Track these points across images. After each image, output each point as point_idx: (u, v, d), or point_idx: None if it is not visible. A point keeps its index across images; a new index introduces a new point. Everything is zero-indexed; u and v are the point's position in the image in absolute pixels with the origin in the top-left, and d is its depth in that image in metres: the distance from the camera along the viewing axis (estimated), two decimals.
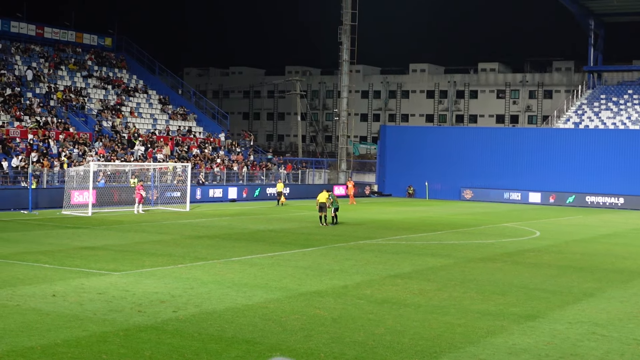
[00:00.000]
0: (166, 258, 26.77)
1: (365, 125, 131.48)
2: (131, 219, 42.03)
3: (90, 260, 25.84)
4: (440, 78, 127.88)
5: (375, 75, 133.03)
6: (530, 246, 34.09)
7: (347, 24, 75.22)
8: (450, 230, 40.63)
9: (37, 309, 17.99)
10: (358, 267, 25.94)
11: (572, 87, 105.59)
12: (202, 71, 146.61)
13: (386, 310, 19.00)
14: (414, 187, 74.21)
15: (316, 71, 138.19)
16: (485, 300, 20.75)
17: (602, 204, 66.67)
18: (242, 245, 31.18)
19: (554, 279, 24.68)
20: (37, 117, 58.41)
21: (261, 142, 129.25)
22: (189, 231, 36.30)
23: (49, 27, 72.26)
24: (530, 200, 69.24)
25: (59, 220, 39.93)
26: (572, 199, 67.63)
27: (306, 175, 72.66)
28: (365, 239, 34.75)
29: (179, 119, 71.34)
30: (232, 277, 23.10)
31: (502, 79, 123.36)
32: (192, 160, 61.65)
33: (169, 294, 20.16)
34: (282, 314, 18.29)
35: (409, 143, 76.62)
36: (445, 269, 26.27)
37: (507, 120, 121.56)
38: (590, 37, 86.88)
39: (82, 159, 54.22)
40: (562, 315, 19.06)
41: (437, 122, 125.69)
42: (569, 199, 67.79)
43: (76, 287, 20.78)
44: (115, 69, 74.22)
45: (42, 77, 65.41)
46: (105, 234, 34.04)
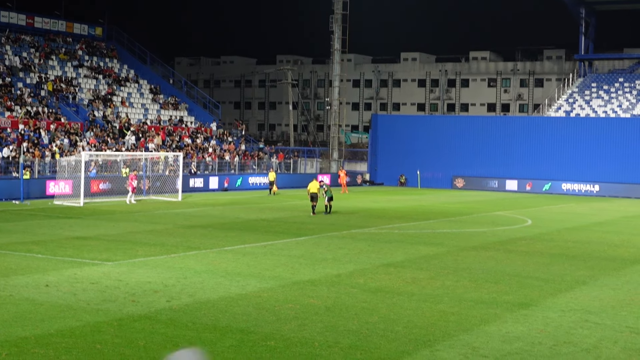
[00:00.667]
0: (159, 248, 26.75)
1: (356, 114, 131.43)
2: (123, 208, 41.97)
3: (83, 250, 25.80)
4: (431, 67, 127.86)
5: (367, 64, 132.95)
6: (523, 234, 34.16)
7: (338, 13, 75.10)
8: (443, 219, 40.68)
9: (30, 299, 17.96)
10: (351, 256, 25.96)
11: (563, 76, 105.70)
12: (193, 60, 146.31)
13: (380, 299, 19.03)
14: (405, 176, 74.27)
15: (307, 60, 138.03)
16: (478, 288, 20.79)
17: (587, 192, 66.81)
18: (235, 235, 31.17)
19: (546, 267, 24.74)
20: (27, 107, 58.22)
21: (253, 132, 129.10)
22: (181, 221, 36.27)
23: (39, 16, 71.97)
24: (522, 188, 69.32)
25: (51, 210, 39.86)
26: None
27: (298, 164, 72.64)
28: (358, 228, 34.77)
29: (171, 109, 71.22)
30: (226, 267, 23.10)
31: (493, 68, 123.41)
32: (183, 150, 61.55)
33: (163, 284, 20.15)
34: (275, 303, 18.30)
35: (401, 132, 76.61)
36: (438, 257, 26.31)
37: (499, 109, 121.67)
38: (581, 26, 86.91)
39: (74, 149, 54.09)
40: (554, 303, 19.11)
41: (429, 111, 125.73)
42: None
43: (69, 277, 20.76)
44: (106, 58, 73.97)
45: (33, 67, 65.18)
46: (98, 224, 34.00)
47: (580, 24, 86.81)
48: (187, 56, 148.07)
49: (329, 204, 41.23)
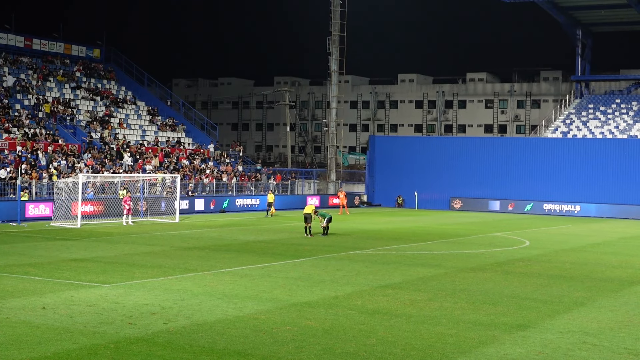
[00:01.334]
0: (156, 269, 26.70)
1: (354, 135, 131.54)
2: (120, 230, 41.92)
3: (80, 272, 25.75)
4: (428, 88, 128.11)
5: (364, 86, 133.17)
6: (520, 256, 34.13)
7: (335, 35, 75.36)
8: (440, 240, 40.65)
9: (27, 322, 17.90)
10: (349, 278, 25.92)
11: (560, 97, 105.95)
12: (191, 82, 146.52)
13: (377, 321, 18.99)
14: (403, 197, 74.26)
15: (305, 82, 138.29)
16: (476, 310, 20.75)
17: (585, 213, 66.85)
18: (233, 257, 31.12)
19: (544, 289, 24.71)
20: (25, 129, 58.26)
21: (250, 153, 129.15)
22: (178, 242, 36.22)
23: (37, 38, 72.20)
24: (519, 209, 69.33)
25: (48, 232, 39.79)
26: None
27: (296, 185, 72.66)
28: (356, 250, 34.74)
29: (168, 130, 71.29)
30: (223, 289, 23.05)
31: (490, 89, 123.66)
32: (181, 171, 61.56)
33: (160, 306, 20.10)
34: (273, 325, 18.26)
35: (398, 153, 76.68)
36: (436, 279, 26.27)
37: (496, 130, 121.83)
38: (577, 47, 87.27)
39: (71, 170, 54.09)
40: (553, 325, 19.08)
41: (426, 132, 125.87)
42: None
43: (66, 300, 20.70)
44: (104, 80, 74.12)
45: (31, 89, 65.27)
46: (95, 246, 33.93)
47: (577, 46, 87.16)
48: (184, 78, 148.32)
49: (327, 226, 41.14)
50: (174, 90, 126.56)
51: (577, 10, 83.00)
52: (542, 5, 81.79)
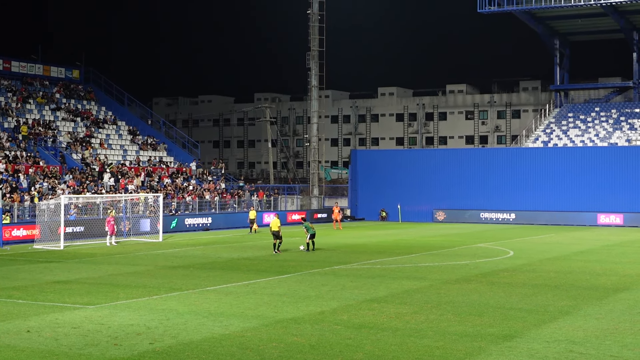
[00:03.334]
0: (141, 289, 26.58)
1: (336, 150, 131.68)
2: (104, 251, 41.74)
3: (64, 294, 25.60)
4: (409, 101, 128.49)
5: (345, 100, 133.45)
6: (505, 266, 34.21)
7: (314, 50, 75.55)
8: (425, 253, 40.69)
9: (11, 346, 17.78)
10: (334, 293, 25.89)
11: (539, 107, 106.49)
12: (171, 100, 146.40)
13: (364, 335, 18.97)
14: (386, 211, 74.35)
15: (285, 97, 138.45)
16: (462, 321, 20.76)
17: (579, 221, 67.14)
18: (217, 274, 31.04)
19: (529, 298, 24.76)
20: (5, 152, 58.00)
21: (232, 170, 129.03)
22: (162, 261, 36.09)
23: (16, 60, 71.95)
24: (502, 220, 69.51)
25: (31, 255, 39.57)
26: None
27: (279, 201, 72.61)
28: (340, 264, 34.72)
29: (150, 149, 71.15)
30: (208, 307, 22.97)
31: (470, 100, 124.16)
32: (163, 190, 61.42)
33: (145, 326, 20.00)
34: (259, 342, 18.21)
35: (380, 167, 76.82)
36: (421, 291, 26.28)
37: (477, 141, 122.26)
38: (555, 57, 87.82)
39: (53, 192, 53.85)
40: (539, 334, 19.10)
41: (408, 144, 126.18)
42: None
43: (51, 322, 20.57)
44: (84, 100, 73.95)
45: (11, 111, 65.02)
46: (78, 267, 33.76)
47: (555, 55, 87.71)
48: (164, 96, 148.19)
49: (312, 241, 41.07)
50: (154, 109, 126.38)
51: (554, 20, 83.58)
52: (519, 15, 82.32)
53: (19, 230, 46.79)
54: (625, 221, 66.03)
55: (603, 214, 66.89)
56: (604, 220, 66.62)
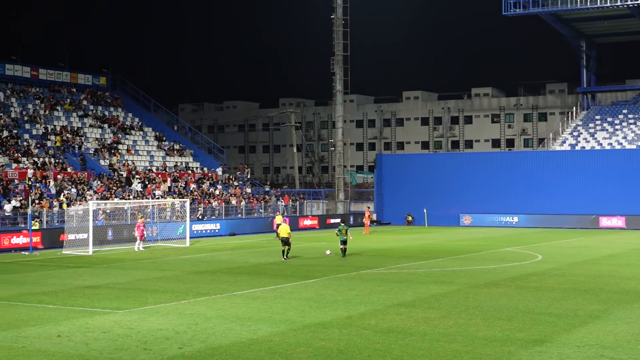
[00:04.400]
0: (169, 294, 26.70)
1: (361, 154, 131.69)
2: (132, 256, 41.95)
3: (94, 299, 25.77)
4: (434, 105, 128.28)
5: (369, 104, 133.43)
6: (533, 270, 34.03)
7: (339, 55, 75.57)
8: (452, 257, 40.57)
9: (43, 350, 17.92)
10: (361, 297, 25.87)
11: (566, 109, 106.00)
12: (197, 107, 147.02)
13: (392, 340, 18.94)
14: (412, 215, 74.19)
15: (310, 102, 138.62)
16: (491, 326, 20.68)
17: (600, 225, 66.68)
18: (244, 279, 31.11)
19: (558, 303, 24.62)
20: (34, 158, 58.46)
21: (258, 175, 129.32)
22: (190, 267, 36.23)
23: (44, 68, 72.56)
24: (530, 224, 69.16)
25: (60, 260, 39.85)
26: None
27: (304, 206, 72.66)
28: (367, 269, 34.68)
29: (176, 155, 71.47)
30: (236, 312, 23.04)
31: (496, 104, 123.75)
32: (190, 195, 61.65)
33: (174, 331, 20.10)
34: (287, 347, 18.23)
35: (406, 171, 76.66)
36: (449, 296, 26.20)
37: (503, 144, 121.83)
38: (582, 59, 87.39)
39: (81, 198, 54.20)
40: (569, 339, 19.00)
41: (433, 148, 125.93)
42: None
43: (81, 327, 20.71)
44: (111, 107, 74.43)
45: (39, 118, 65.55)
46: (107, 273, 33.96)
47: (581, 57, 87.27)
48: (190, 102, 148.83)
49: (344, 247, 40.31)
50: (180, 115, 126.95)
51: (580, 22, 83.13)
52: (545, 18, 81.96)
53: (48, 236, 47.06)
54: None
55: (632, 217, 66.28)
56: (633, 224, 65.97)
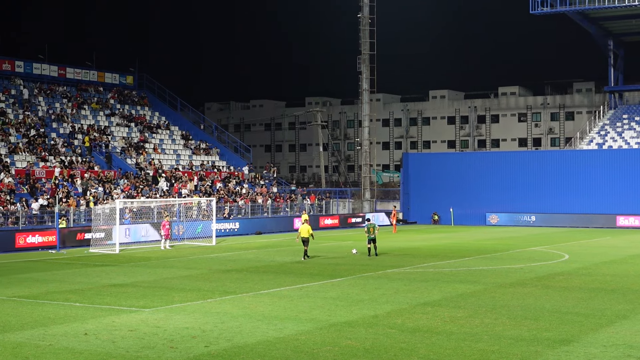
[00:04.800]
0: (195, 293, 26.79)
1: (387, 153, 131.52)
2: (158, 254, 42.13)
3: (120, 297, 25.90)
4: (460, 104, 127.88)
5: (396, 103, 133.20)
6: (560, 269, 33.85)
7: (365, 53, 75.51)
8: (478, 256, 40.43)
9: (70, 348, 18.03)
10: (387, 296, 25.84)
11: (593, 108, 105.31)
12: (223, 105, 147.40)
13: (418, 339, 18.90)
14: (438, 214, 73.99)
15: (336, 101, 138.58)
16: (517, 325, 20.59)
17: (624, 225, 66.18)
18: (270, 278, 31.16)
19: (585, 302, 24.48)
20: (61, 157, 58.84)
21: (284, 174, 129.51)
22: (216, 265, 36.33)
23: (71, 67, 73.01)
24: (557, 223, 68.74)
25: (87, 259, 40.10)
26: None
27: (330, 205, 72.65)
28: (393, 268, 34.63)
29: (202, 154, 71.69)
30: (262, 310, 23.08)
31: (523, 102, 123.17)
32: (216, 194, 61.83)
33: (200, 329, 20.16)
34: (313, 345, 18.24)
35: (432, 170, 76.46)
36: (475, 295, 26.11)
37: (530, 143, 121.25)
38: (609, 58, 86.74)
39: (108, 197, 54.51)
40: (596, 339, 18.88)
41: (459, 147, 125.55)
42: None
43: (107, 325, 20.83)
44: (138, 106, 74.79)
45: (66, 117, 65.98)
46: (134, 271, 34.12)
47: (609, 56, 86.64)
48: (216, 101, 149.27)
49: (373, 246, 40.09)
50: (206, 114, 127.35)
51: (607, 20, 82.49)
52: (572, 16, 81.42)
53: (74, 235, 47.36)
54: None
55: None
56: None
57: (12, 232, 45.16)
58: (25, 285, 29.07)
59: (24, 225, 47.91)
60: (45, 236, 45.57)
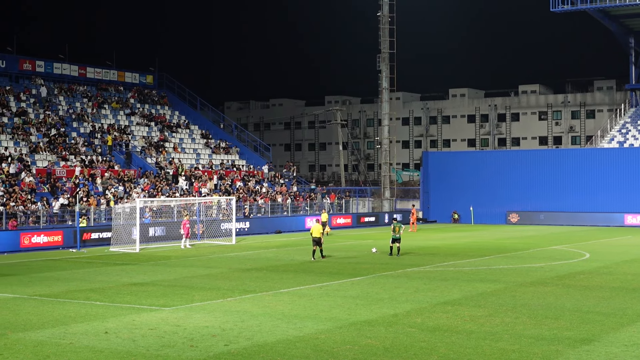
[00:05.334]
0: (215, 292, 26.84)
1: (407, 152, 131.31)
2: (178, 253, 42.24)
3: (141, 296, 25.98)
4: (480, 102, 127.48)
5: (415, 102, 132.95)
6: (581, 268, 33.69)
7: (385, 52, 75.40)
8: (498, 255, 40.30)
9: (90, 347, 18.10)
10: (407, 295, 25.80)
11: (614, 106, 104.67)
12: (243, 104, 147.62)
13: (438, 338, 18.86)
14: (458, 213, 73.80)
15: (356, 100, 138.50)
16: (538, 325, 20.50)
17: None
18: (290, 277, 31.17)
19: (606, 301, 24.34)
20: (82, 157, 59.10)
21: (304, 173, 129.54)
22: (236, 264, 36.38)
23: (91, 67, 73.32)
24: (578, 222, 68.39)
25: (107, 258, 40.25)
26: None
27: (350, 204, 72.61)
28: (413, 267, 34.57)
29: (222, 153, 71.81)
30: (282, 309, 23.09)
31: (543, 101, 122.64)
32: (236, 193, 61.91)
33: (220, 328, 20.19)
34: (333, 344, 18.23)
35: (452, 168, 76.27)
36: (496, 294, 26.02)
37: (550, 141, 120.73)
38: (631, 55, 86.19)
39: (128, 196, 54.70)
40: (617, 338, 18.78)
41: (479, 146, 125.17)
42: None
43: (128, 324, 20.90)
44: (158, 105, 75.00)
45: (86, 117, 66.26)
46: (154, 270, 34.23)
47: (630, 54, 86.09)
48: (236, 100, 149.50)
49: (396, 246, 39.52)
50: (226, 113, 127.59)
51: (629, 18, 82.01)
52: (593, 14, 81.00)
53: (95, 234, 47.57)
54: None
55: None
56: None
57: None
58: (46, 284, 29.23)
59: (45, 225, 48.15)
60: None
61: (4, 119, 60.25)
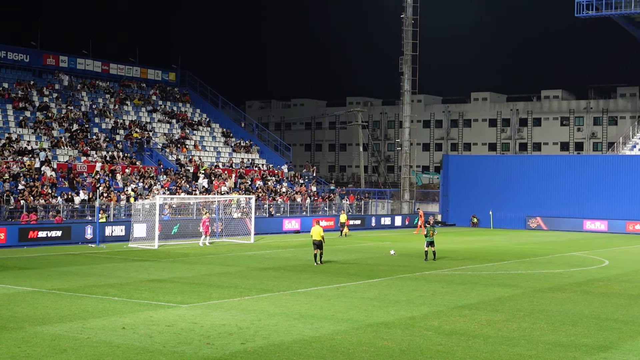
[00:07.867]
0: (232, 290, 26.89)
1: (427, 154, 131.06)
2: (197, 251, 42.35)
3: (158, 292, 26.07)
4: (502, 106, 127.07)
5: (437, 105, 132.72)
6: (600, 275, 33.52)
7: (407, 54, 75.29)
8: (517, 260, 40.14)
9: (107, 342, 18.18)
10: (425, 298, 25.75)
11: (637, 113, 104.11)
12: (264, 104, 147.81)
13: (455, 342, 18.82)
14: (477, 217, 73.59)
15: (377, 101, 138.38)
16: (555, 331, 20.42)
17: None
18: (308, 277, 31.18)
19: (625, 309, 24.21)
20: (103, 152, 59.36)
21: (323, 173, 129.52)
22: (254, 263, 36.43)
23: (114, 63, 73.67)
24: (598, 228, 68.05)
25: (126, 253, 40.40)
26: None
27: (369, 205, 72.55)
28: (431, 270, 34.51)
29: (242, 152, 71.93)
30: (299, 309, 23.10)
31: (565, 106, 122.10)
32: (255, 192, 61.98)
33: (237, 326, 20.23)
34: (349, 345, 18.22)
35: (472, 172, 76.04)
36: (513, 299, 25.93)
37: (572, 147, 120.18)
38: None
39: (148, 192, 54.88)
40: (635, 346, 18.68)
41: (500, 150, 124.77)
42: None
43: (145, 320, 20.97)
44: (179, 103, 75.23)
45: (108, 113, 66.56)
46: (172, 267, 34.33)
47: None
48: (257, 99, 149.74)
49: (431, 250, 38.93)
50: (247, 112, 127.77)
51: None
52: (617, 20, 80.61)
53: (115, 229, 47.74)
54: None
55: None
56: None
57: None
58: (64, 279, 29.37)
59: (65, 219, 48.38)
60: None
61: (26, 113, 60.62)
